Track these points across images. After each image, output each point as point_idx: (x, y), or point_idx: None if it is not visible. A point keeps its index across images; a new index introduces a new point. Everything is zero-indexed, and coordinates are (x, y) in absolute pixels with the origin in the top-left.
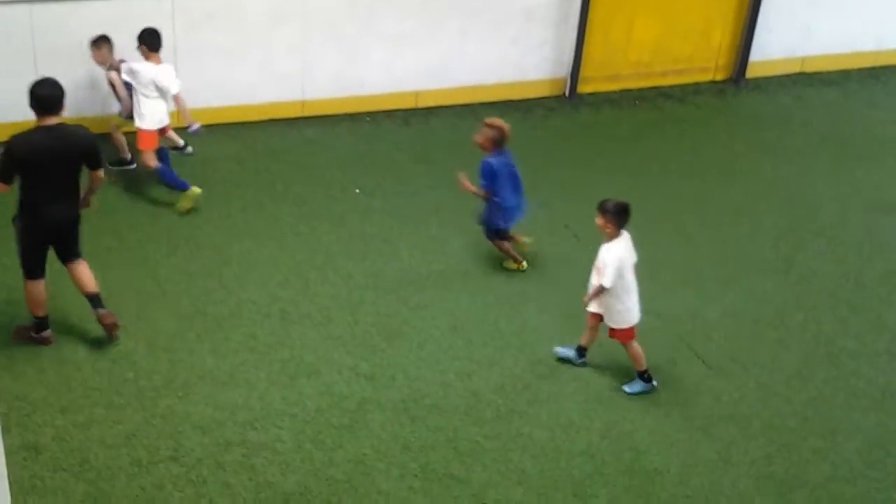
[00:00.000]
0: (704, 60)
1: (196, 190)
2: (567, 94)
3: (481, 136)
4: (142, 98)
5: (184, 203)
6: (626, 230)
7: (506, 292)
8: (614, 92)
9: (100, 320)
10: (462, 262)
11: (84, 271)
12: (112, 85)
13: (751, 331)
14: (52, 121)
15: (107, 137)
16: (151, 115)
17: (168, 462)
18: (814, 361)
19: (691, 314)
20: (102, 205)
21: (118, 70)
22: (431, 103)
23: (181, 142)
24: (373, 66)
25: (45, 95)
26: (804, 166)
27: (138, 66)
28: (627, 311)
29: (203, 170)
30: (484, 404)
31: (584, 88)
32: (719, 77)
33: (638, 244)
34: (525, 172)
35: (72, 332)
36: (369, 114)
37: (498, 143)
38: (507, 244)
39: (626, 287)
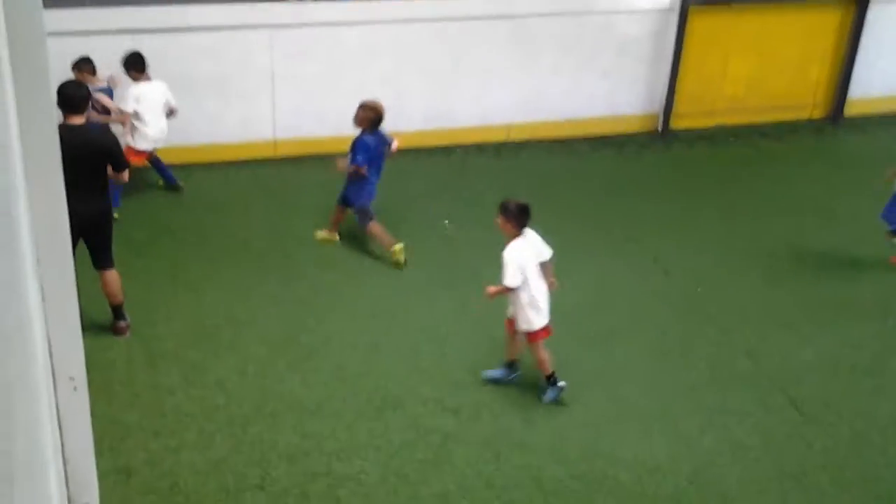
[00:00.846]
0: (801, 97)
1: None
2: (660, 129)
3: (358, 116)
4: (140, 118)
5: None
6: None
7: (594, 329)
8: (708, 128)
9: (115, 328)
10: (552, 295)
11: (113, 281)
12: (97, 105)
13: (846, 378)
14: (76, 120)
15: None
16: (148, 135)
17: (255, 490)
18: None
19: (784, 357)
20: (197, 231)
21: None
22: (523, 136)
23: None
24: (465, 99)
25: (71, 94)
26: None
27: (144, 87)
28: (527, 313)
29: (297, 198)
30: (570, 443)
31: (678, 124)
32: (816, 115)
33: (729, 283)
34: (616, 207)
35: (166, 357)
36: (461, 147)
37: (374, 122)
38: (343, 215)
39: (528, 286)
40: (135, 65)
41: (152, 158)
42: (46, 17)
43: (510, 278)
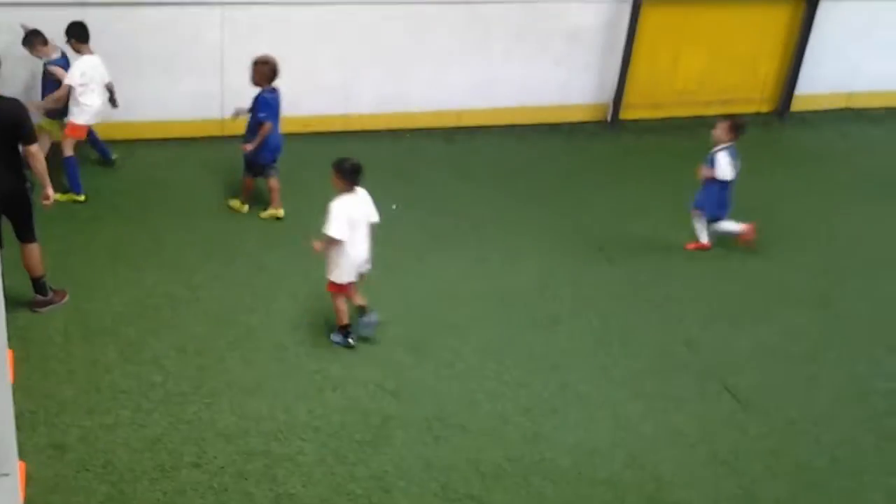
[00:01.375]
0: (750, 92)
1: (80, 198)
2: (609, 119)
3: (255, 73)
4: (85, 92)
5: (61, 197)
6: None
7: (539, 315)
8: (657, 120)
9: (33, 302)
10: (498, 281)
11: (32, 255)
12: (52, 77)
13: (783, 366)
14: None
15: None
16: (90, 109)
17: (191, 468)
18: (845, 400)
19: (723, 347)
20: (141, 208)
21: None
22: (474, 122)
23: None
24: (416, 84)
25: None
26: (846, 203)
27: (89, 60)
28: (341, 267)
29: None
30: (510, 427)
31: (627, 115)
32: (764, 109)
33: (670, 275)
34: (564, 195)
35: (104, 333)
36: (410, 131)
37: (270, 77)
38: (252, 184)
39: (351, 242)
40: (78, 35)
41: (89, 133)
42: None
43: (336, 230)
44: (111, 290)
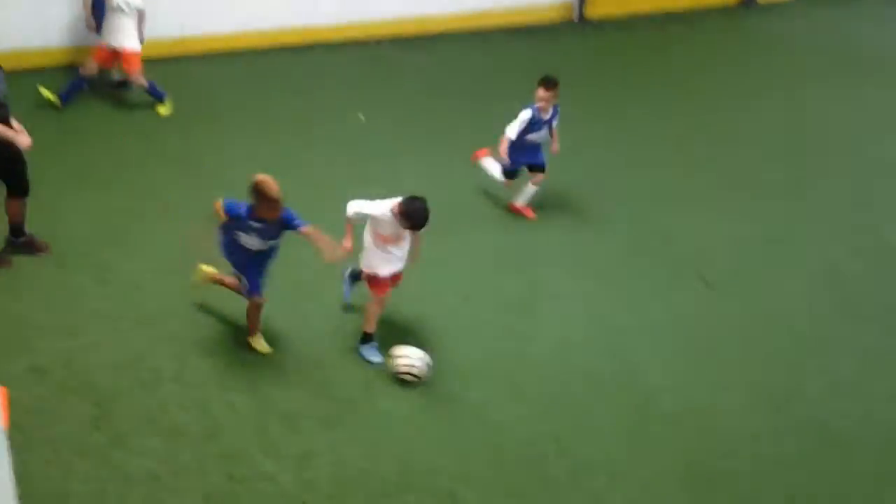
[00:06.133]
0: None
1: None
2: (576, 18)
3: None
4: (125, 19)
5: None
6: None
7: (505, 222)
8: (623, 15)
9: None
10: (467, 190)
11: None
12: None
13: (758, 253)
14: None
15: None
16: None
17: (171, 383)
18: (818, 283)
19: (697, 236)
20: (104, 135)
21: None
22: (438, 29)
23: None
24: None
25: None
26: (815, 89)
27: None
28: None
29: (207, 95)
30: (487, 325)
31: (593, 12)
32: (731, 1)
33: (645, 167)
34: (529, 97)
35: (78, 259)
36: (376, 39)
37: None
38: None
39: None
40: None
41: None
42: None
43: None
44: (80, 215)
